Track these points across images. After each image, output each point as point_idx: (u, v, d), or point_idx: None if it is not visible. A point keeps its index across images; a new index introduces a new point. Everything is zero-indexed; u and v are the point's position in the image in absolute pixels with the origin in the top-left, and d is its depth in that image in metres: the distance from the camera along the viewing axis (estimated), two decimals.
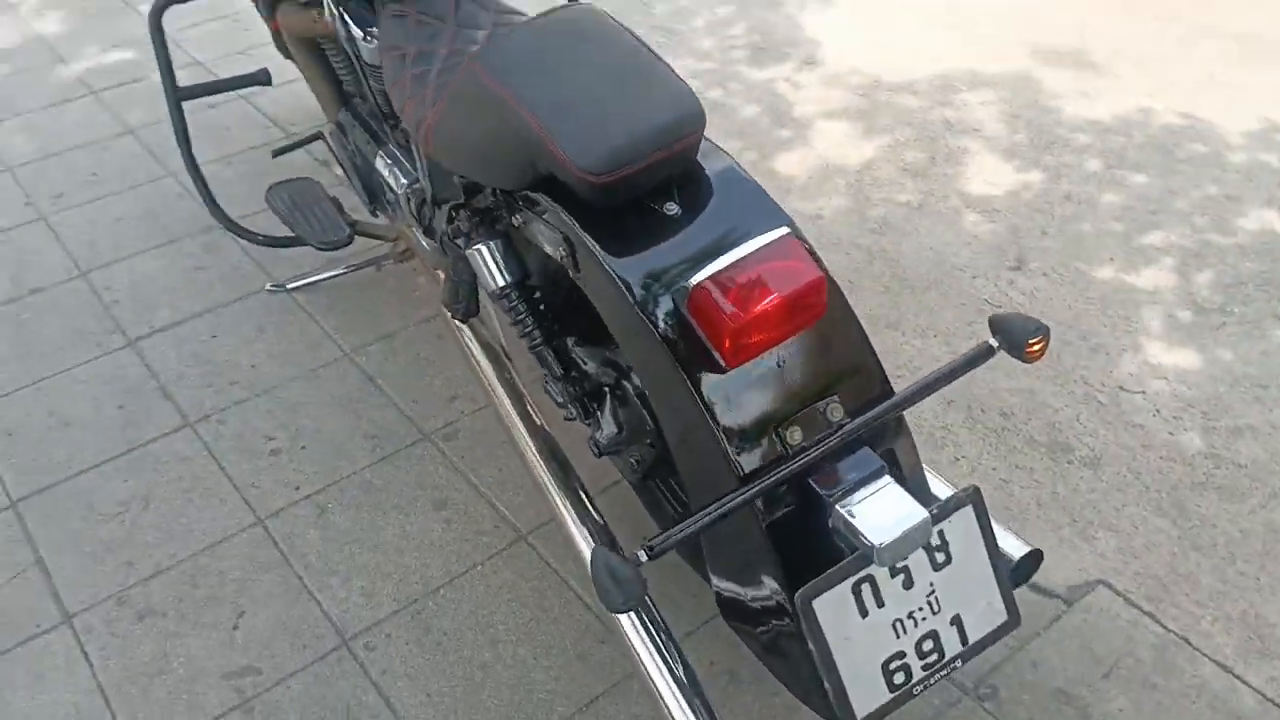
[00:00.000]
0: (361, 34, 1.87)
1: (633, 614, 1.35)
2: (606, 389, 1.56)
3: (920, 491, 1.26)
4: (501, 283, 1.54)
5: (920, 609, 1.19)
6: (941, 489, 1.36)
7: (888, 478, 1.18)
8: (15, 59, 3.47)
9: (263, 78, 2.37)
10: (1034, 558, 1.38)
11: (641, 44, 1.35)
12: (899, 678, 1.18)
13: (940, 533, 1.18)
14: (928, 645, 1.20)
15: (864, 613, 1.16)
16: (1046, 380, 2.12)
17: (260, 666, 1.66)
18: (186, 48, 3.51)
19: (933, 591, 1.19)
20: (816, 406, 1.21)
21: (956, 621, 1.21)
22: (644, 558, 1.10)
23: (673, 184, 1.28)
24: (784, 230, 1.20)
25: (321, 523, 1.88)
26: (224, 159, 2.92)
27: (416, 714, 1.58)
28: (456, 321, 1.91)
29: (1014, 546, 1.37)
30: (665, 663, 1.31)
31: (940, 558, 1.19)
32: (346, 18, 1.90)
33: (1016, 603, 1.24)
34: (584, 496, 1.60)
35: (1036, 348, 1.22)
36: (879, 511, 1.14)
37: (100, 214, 2.72)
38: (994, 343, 1.24)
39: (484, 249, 1.54)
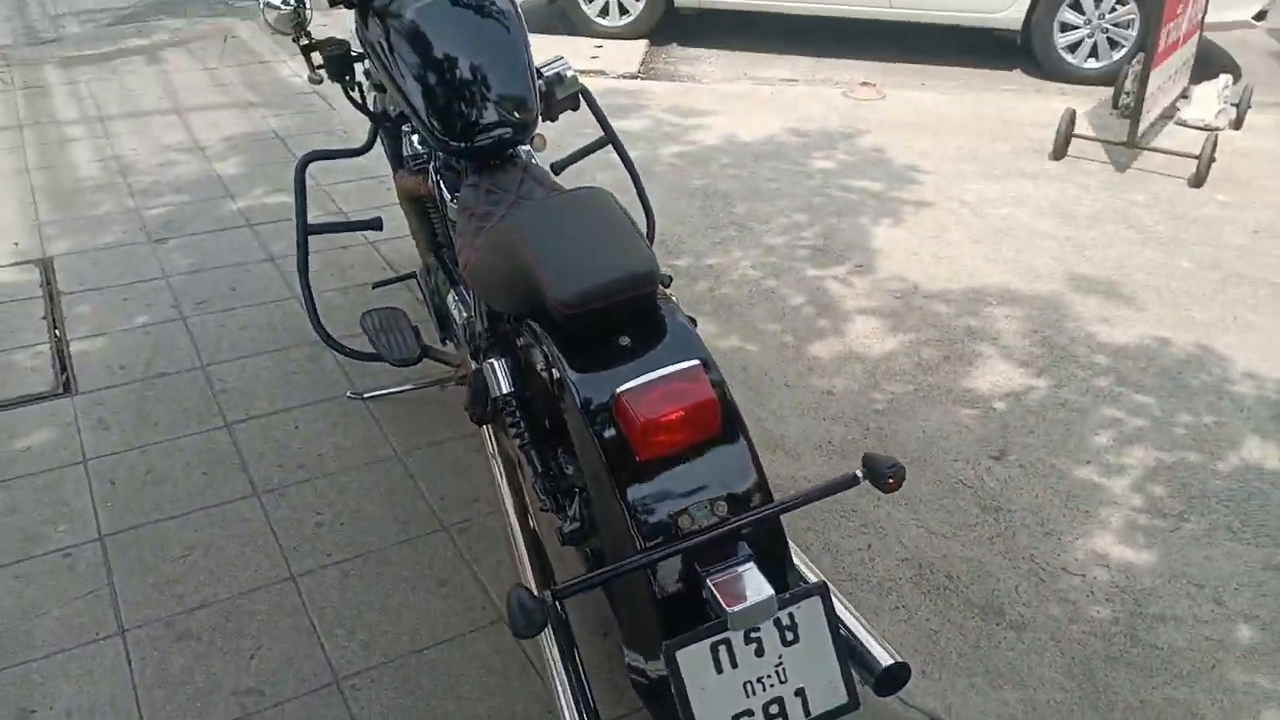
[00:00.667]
0: (450, 197, 2.35)
1: (554, 648, 1.64)
2: (577, 490, 1.88)
3: (784, 579, 1.53)
4: (503, 391, 1.91)
5: (769, 676, 1.44)
6: (811, 579, 1.63)
7: (751, 564, 1.46)
8: (193, 190, 4.17)
9: (375, 224, 2.88)
10: (902, 670, 1.60)
11: (629, 220, 1.74)
12: None
13: (790, 614, 1.44)
14: (774, 709, 1.44)
15: (719, 669, 1.42)
16: (997, 554, 2.33)
17: (264, 690, 1.98)
18: (335, 199, 4.15)
19: (780, 663, 1.44)
20: (707, 502, 1.51)
21: (801, 694, 1.45)
22: (549, 598, 1.41)
23: (629, 322, 1.64)
24: (695, 362, 1.54)
25: (342, 585, 2.22)
26: (341, 289, 3.45)
27: None
28: (484, 429, 2.28)
29: (883, 655, 1.60)
30: (572, 690, 1.59)
31: (789, 636, 1.45)
32: (441, 184, 2.39)
33: (856, 688, 1.48)
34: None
35: (892, 481, 1.50)
36: (738, 587, 1.42)
37: (230, 321, 3.25)
38: (859, 473, 1.53)
39: (495, 363, 1.93)
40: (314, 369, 3.01)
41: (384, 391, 2.83)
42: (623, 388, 1.50)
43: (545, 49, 2.59)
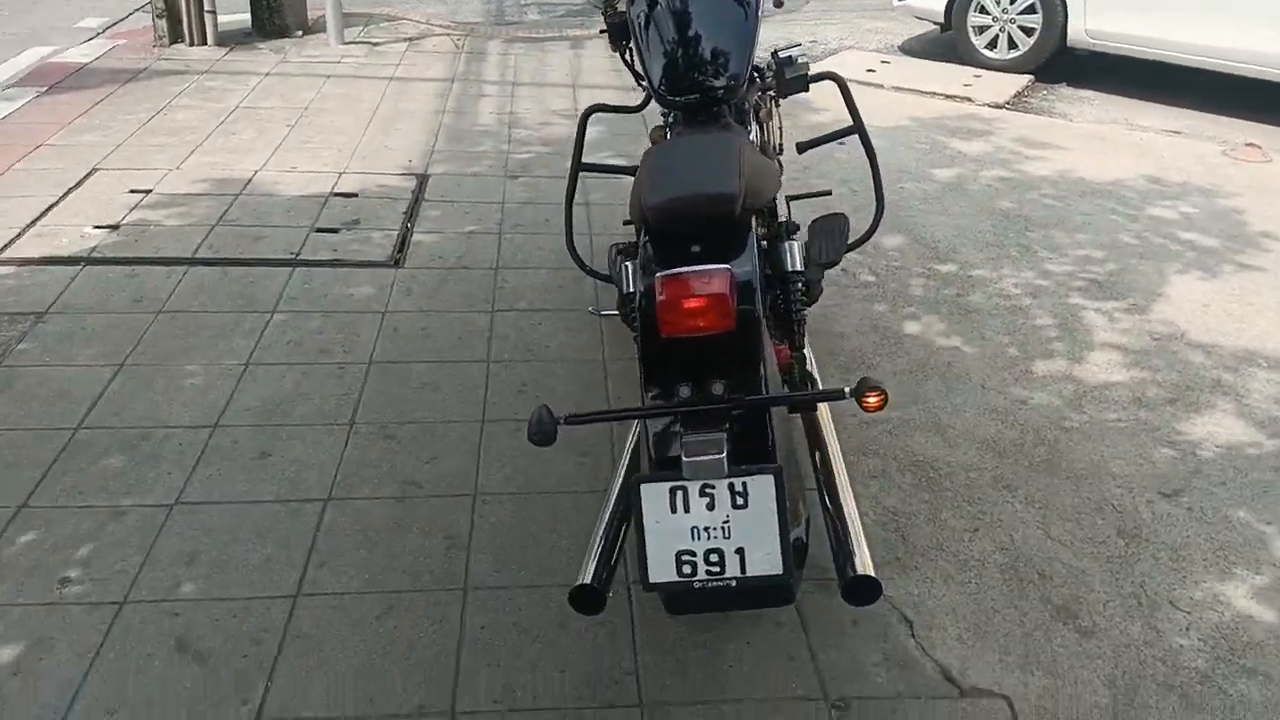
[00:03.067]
0: None
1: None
2: None
3: (759, 459, 1.74)
4: (628, 290, 2.24)
5: (715, 529, 1.67)
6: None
7: (723, 435, 1.69)
8: (555, 145, 4.92)
9: (633, 171, 3.34)
10: (873, 585, 1.75)
11: (736, 158, 1.97)
12: (686, 569, 1.67)
13: (743, 483, 1.66)
14: (714, 558, 1.67)
15: (673, 510, 1.68)
16: (1107, 572, 2.28)
17: (422, 484, 2.51)
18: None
19: (728, 522, 1.67)
20: (708, 381, 1.77)
21: (740, 553, 1.67)
22: (562, 420, 1.76)
23: (710, 235, 1.90)
24: (725, 267, 1.78)
25: (515, 436, 2.70)
26: (597, 233, 3.95)
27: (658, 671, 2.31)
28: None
29: (860, 565, 1.76)
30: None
31: (740, 501, 1.66)
32: (669, 134, 2.78)
33: (792, 565, 1.67)
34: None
35: (873, 401, 1.67)
36: (701, 447, 1.67)
37: (531, 242, 3.89)
38: (847, 390, 1.71)
39: (627, 265, 2.24)
40: (575, 288, 3.53)
41: (615, 312, 3.27)
42: (660, 274, 1.79)
43: (918, 72, 2.88)
